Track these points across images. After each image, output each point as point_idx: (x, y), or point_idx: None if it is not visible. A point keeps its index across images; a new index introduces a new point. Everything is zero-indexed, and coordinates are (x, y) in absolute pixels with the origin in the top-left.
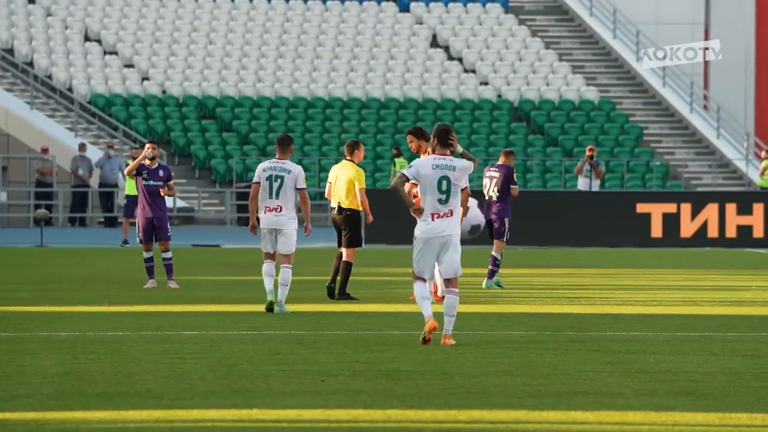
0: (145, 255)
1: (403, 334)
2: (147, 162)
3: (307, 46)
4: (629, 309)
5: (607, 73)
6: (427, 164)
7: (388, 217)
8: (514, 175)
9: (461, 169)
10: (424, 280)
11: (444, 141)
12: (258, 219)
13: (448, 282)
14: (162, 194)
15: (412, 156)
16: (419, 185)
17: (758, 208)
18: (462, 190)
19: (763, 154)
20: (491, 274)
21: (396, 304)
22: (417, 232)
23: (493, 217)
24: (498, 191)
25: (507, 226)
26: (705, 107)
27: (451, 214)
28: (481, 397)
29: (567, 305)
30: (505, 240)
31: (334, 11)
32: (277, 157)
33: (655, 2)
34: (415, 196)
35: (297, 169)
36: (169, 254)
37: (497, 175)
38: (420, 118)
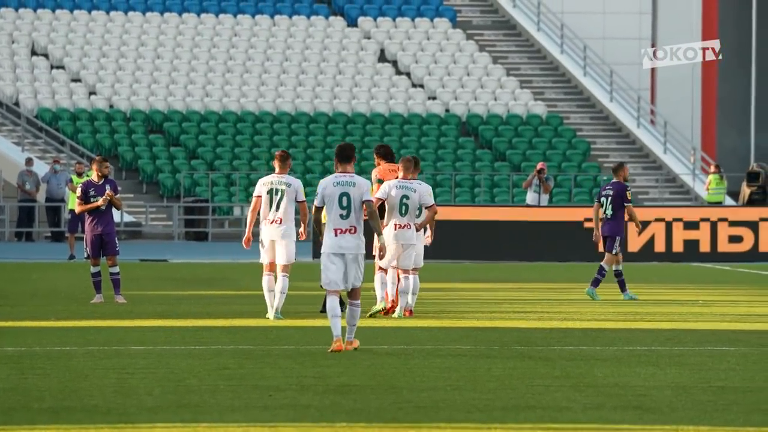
0: (93, 270)
1: (352, 348)
2: (94, 178)
3: (255, 60)
4: (577, 323)
5: (554, 88)
6: (329, 182)
7: None
8: (627, 192)
9: (360, 185)
10: (335, 293)
11: (343, 158)
12: (255, 232)
13: (351, 294)
14: (100, 203)
15: (361, 171)
16: (326, 203)
17: (705, 223)
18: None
19: (712, 169)
20: (595, 282)
21: (344, 319)
22: (323, 247)
23: (606, 233)
24: (612, 209)
25: (617, 242)
26: (652, 122)
27: (354, 230)
28: (430, 411)
29: (515, 320)
30: (614, 253)
31: (282, 26)
32: (277, 171)
33: (603, 18)
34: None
35: (297, 183)
36: (116, 269)
37: (611, 192)
38: (368, 133)
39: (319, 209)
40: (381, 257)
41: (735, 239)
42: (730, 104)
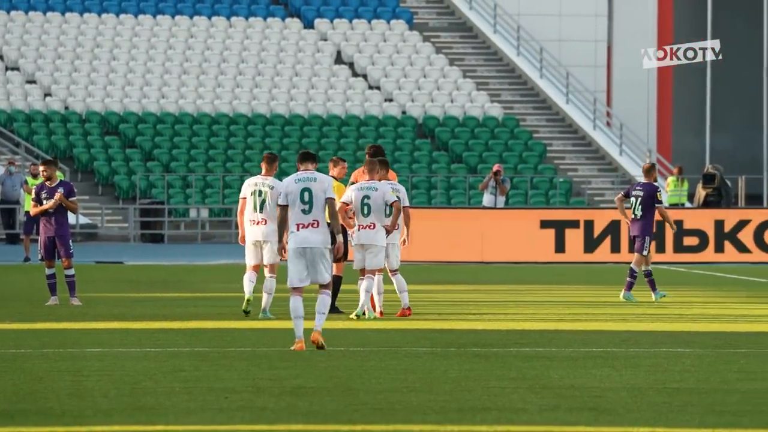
0: (48, 272)
1: (308, 350)
2: (47, 182)
3: (212, 62)
4: (533, 325)
5: (511, 90)
6: (291, 180)
7: None
8: (658, 193)
9: (322, 180)
10: (299, 293)
11: (304, 158)
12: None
13: (322, 286)
14: (48, 206)
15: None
16: (289, 201)
17: (661, 224)
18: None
19: (675, 171)
20: (629, 286)
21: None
22: (288, 243)
23: (636, 233)
24: (642, 209)
25: (646, 242)
26: (608, 124)
27: (317, 224)
28: (386, 413)
29: (471, 321)
30: (644, 254)
31: (238, 27)
32: (263, 173)
33: (558, 20)
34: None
35: (280, 185)
36: (71, 271)
37: (641, 193)
38: (324, 135)
39: (284, 207)
40: (336, 259)
41: (690, 241)
42: (686, 106)
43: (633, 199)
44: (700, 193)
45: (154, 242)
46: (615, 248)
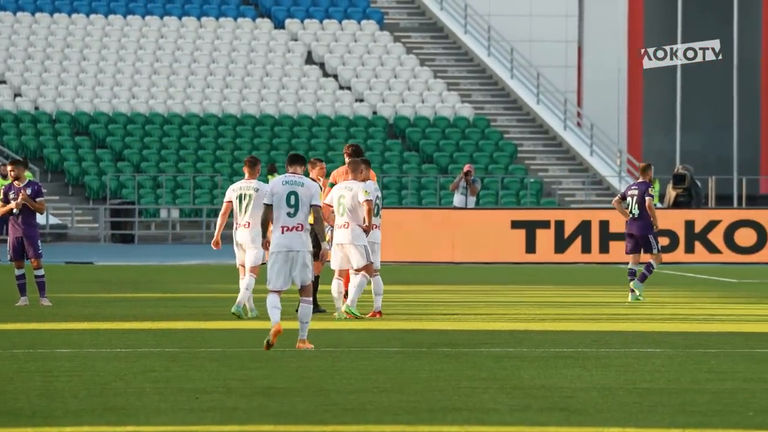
0: (17, 272)
1: (279, 350)
2: (15, 182)
3: (182, 62)
4: (503, 325)
5: (481, 90)
6: (278, 182)
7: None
8: (649, 189)
9: (309, 186)
10: (277, 292)
11: (293, 161)
12: (227, 234)
13: (302, 291)
14: (10, 207)
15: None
16: (274, 202)
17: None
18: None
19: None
20: (642, 277)
21: (270, 321)
22: (271, 246)
23: (635, 233)
24: (638, 208)
25: (652, 240)
26: (578, 124)
27: (301, 228)
28: (357, 413)
29: (442, 322)
30: (656, 252)
31: (208, 27)
32: (246, 177)
33: (529, 20)
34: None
35: (265, 188)
36: (41, 271)
37: (636, 192)
38: (295, 135)
39: (268, 207)
40: (322, 261)
41: (660, 241)
42: (656, 107)
43: (629, 198)
44: (671, 193)
45: (125, 243)
46: (586, 249)
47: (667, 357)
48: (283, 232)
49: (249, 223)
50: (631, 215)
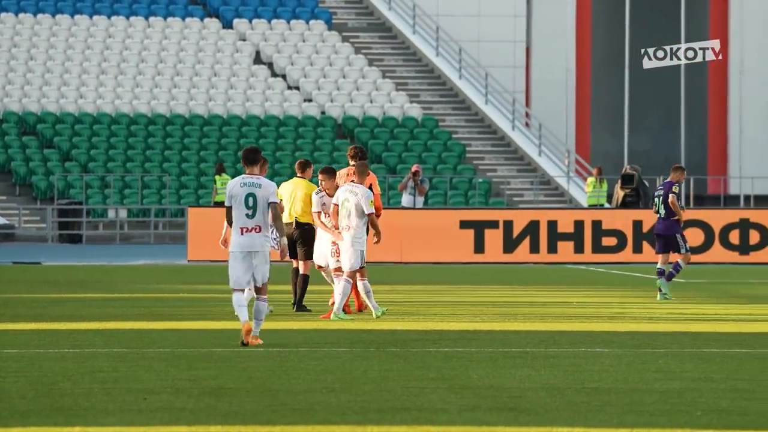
0: None
1: (227, 351)
2: None
3: (130, 62)
4: (452, 325)
5: (430, 91)
6: (236, 184)
7: (211, 234)
8: (674, 187)
9: (266, 186)
10: (241, 291)
11: (249, 160)
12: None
13: (258, 290)
14: None
15: (236, 173)
16: (233, 204)
17: (580, 224)
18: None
19: (594, 171)
20: (669, 276)
21: (219, 321)
22: (230, 246)
23: (662, 232)
24: (665, 207)
25: (679, 240)
26: (527, 125)
27: (259, 229)
28: (305, 414)
29: (391, 321)
30: (684, 252)
31: (156, 27)
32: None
33: (477, 21)
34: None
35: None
36: None
37: (662, 192)
38: (244, 135)
39: (229, 209)
40: (281, 256)
41: (608, 241)
42: (604, 107)
43: (656, 198)
44: (619, 193)
45: (72, 243)
46: (534, 248)
47: (615, 357)
48: (242, 233)
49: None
50: (657, 214)
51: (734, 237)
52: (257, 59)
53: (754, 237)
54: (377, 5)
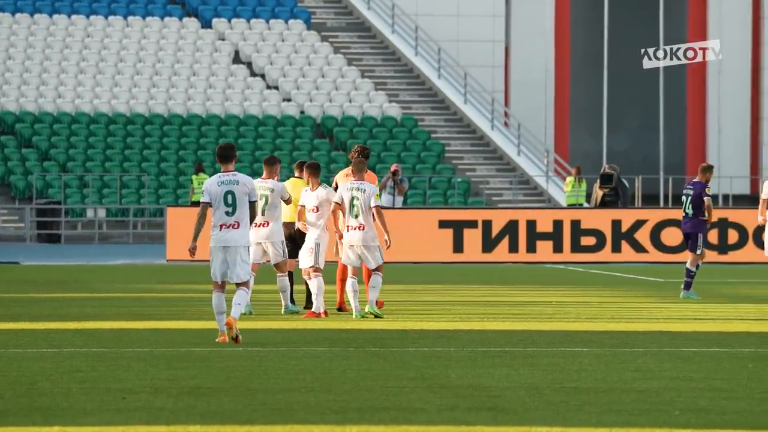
0: None
1: (206, 350)
2: None
3: (108, 61)
4: (431, 324)
5: (409, 90)
6: (214, 182)
7: (190, 233)
8: (706, 189)
9: (244, 183)
10: (221, 289)
11: (224, 157)
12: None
13: (240, 284)
14: None
15: (215, 172)
16: (212, 202)
17: (558, 224)
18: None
19: (573, 171)
20: (687, 285)
21: (198, 321)
22: (210, 242)
23: (688, 231)
24: (692, 207)
25: (700, 240)
26: (506, 124)
27: (238, 225)
28: (284, 413)
29: (370, 321)
30: (698, 253)
31: (135, 27)
32: (263, 176)
33: (456, 20)
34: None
35: (280, 187)
36: None
37: (691, 192)
38: (223, 134)
39: (204, 206)
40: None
41: (587, 241)
42: (583, 107)
43: (684, 197)
44: (597, 193)
45: (51, 242)
46: (513, 248)
47: (594, 356)
48: (221, 229)
49: (267, 222)
50: (684, 214)
51: (713, 236)
52: (236, 59)
53: (733, 236)
54: (356, 5)
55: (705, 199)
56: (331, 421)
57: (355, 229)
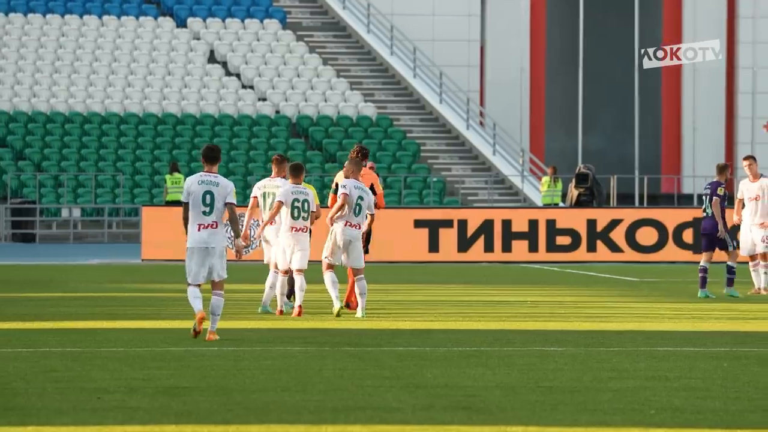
0: None
1: (181, 350)
2: None
3: (83, 60)
4: (407, 324)
5: (384, 90)
6: (194, 181)
7: (165, 233)
8: (720, 188)
9: (224, 185)
10: (197, 285)
11: (208, 158)
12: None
13: (215, 285)
14: None
15: (191, 172)
16: (191, 202)
17: (534, 223)
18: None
19: (549, 170)
20: (729, 282)
21: (173, 320)
22: (187, 242)
23: (706, 231)
24: (711, 207)
25: (727, 239)
26: (481, 124)
27: (216, 225)
28: (260, 413)
29: (345, 321)
30: (731, 249)
31: (110, 26)
32: (272, 175)
33: (432, 20)
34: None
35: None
36: None
37: (709, 191)
38: (198, 134)
39: (185, 205)
40: (237, 256)
41: (563, 240)
42: (558, 106)
43: (704, 197)
44: (573, 192)
45: (26, 242)
46: (488, 248)
47: (570, 356)
48: (199, 230)
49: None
50: (704, 213)
51: (688, 236)
52: (211, 58)
53: None
54: (331, 4)
55: (714, 198)
56: (306, 420)
57: (354, 226)
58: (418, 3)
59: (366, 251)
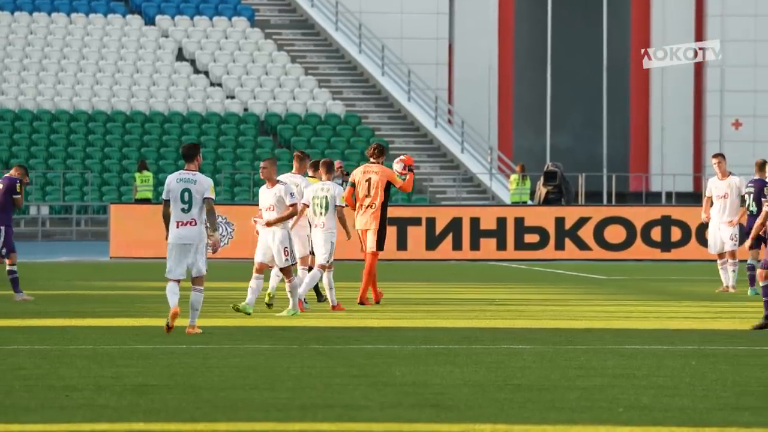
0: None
1: (149, 348)
2: None
3: (52, 58)
4: (375, 322)
5: (353, 88)
6: (173, 179)
7: (134, 231)
8: (765, 188)
9: (202, 182)
10: (176, 281)
11: (187, 156)
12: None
13: (194, 280)
14: None
15: (159, 170)
16: (171, 199)
17: (502, 221)
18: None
19: (517, 168)
20: (753, 280)
21: (141, 318)
22: (168, 238)
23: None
24: (756, 204)
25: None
26: (449, 122)
27: (194, 222)
28: (228, 411)
29: (313, 318)
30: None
31: (78, 23)
32: (293, 171)
33: (400, 18)
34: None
35: (304, 182)
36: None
37: (753, 189)
38: (166, 132)
39: (165, 203)
40: (213, 250)
41: (531, 238)
42: (527, 104)
43: (746, 195)
44: (541, 190)
45: None
46: (456, 245)
47: (537, 353)
48: (178, 227)
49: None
50: (749, 212)
51: (656, 234)
52: (180, 56)
53: (676, 234)
54: (300, 2)
55: (764, 200)
56: (274, 418)
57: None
58: (387, 1)
59: (380, 248)
